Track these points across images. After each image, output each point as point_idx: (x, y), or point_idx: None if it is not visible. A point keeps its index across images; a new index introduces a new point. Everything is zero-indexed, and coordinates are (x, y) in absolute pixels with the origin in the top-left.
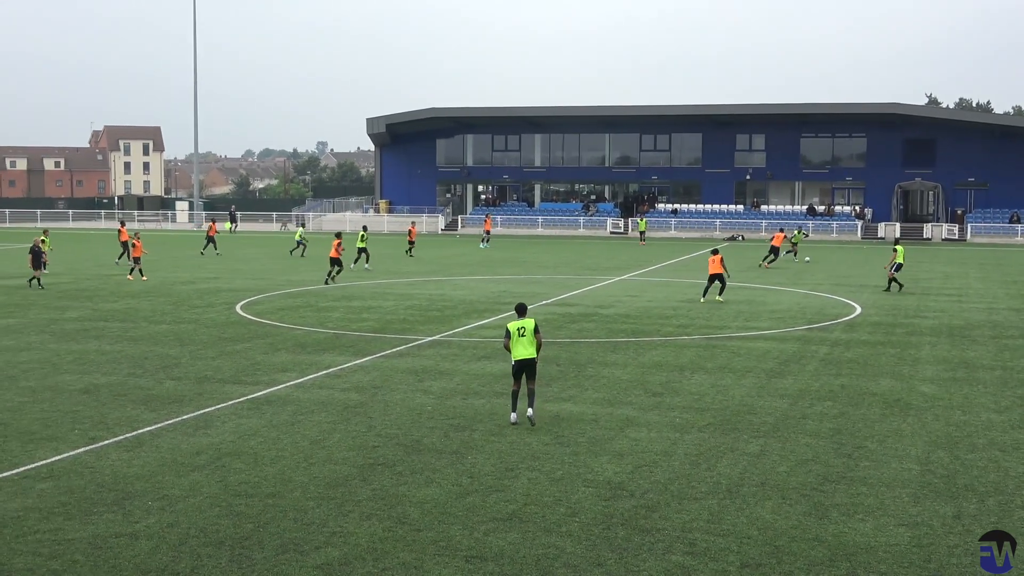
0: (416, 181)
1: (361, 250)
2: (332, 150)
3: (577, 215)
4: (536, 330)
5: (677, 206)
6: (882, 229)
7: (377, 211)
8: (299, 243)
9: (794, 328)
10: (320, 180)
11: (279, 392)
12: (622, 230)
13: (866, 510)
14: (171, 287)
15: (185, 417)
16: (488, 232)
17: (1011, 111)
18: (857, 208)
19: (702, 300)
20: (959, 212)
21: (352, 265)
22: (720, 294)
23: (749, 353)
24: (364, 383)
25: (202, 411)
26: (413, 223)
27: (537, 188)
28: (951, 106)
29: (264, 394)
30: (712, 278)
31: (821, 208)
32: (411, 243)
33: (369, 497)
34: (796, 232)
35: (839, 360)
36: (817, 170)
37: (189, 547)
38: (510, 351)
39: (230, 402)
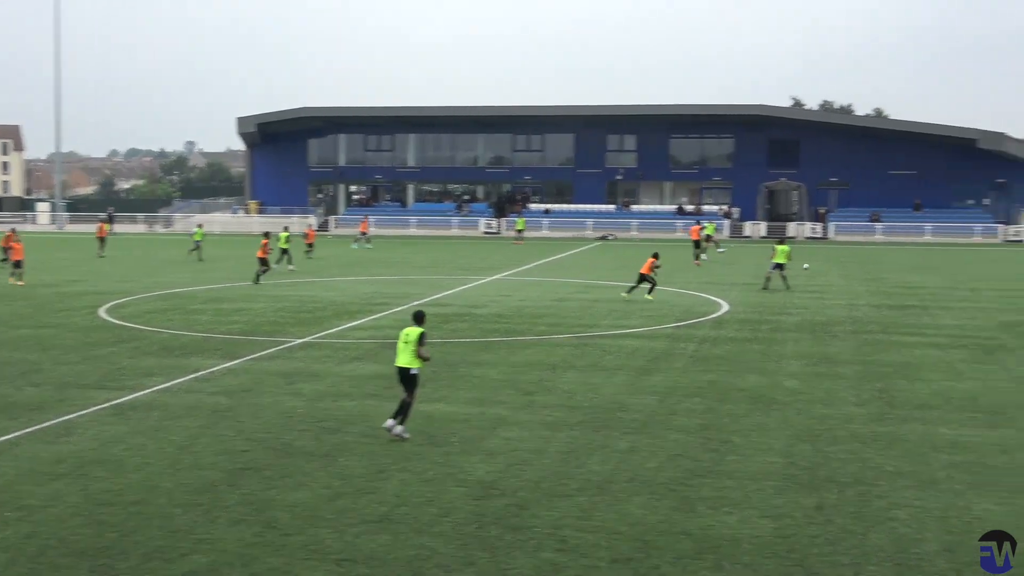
0: (287, 181)
1: (284, 251)
2: (201, 150)
3: (450, 215)
4: (419, 340)
5: (549, 206)
6: (748, 228)
7: (247, 212)
8: (197, 244)
9: (663, 326)
10: (188, 180)
11: (145, 397)
12: (495, 230)
13: (732, 503)
14: (32, 290)
15: (46, 424)
16: (364, 233)
17: (872, 113)
18: (725, 207)
19: (624, 295)
20: (822, 211)
21: (275, 265)
22: (650, 292)
23: (620, 351)
24: (233, 386)
25: (64, 418)
26: (310, 225)
27: (410, 188)
28: (815, 108)
29: (129, 399)
30: (641, 277)
31: (690, 208)
32: (310, 245)
33: (238, 502)
34: (710, 224)
35: (707, 357)
36: (686, 170)
37: (48, 558)
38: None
39: (93, 408)
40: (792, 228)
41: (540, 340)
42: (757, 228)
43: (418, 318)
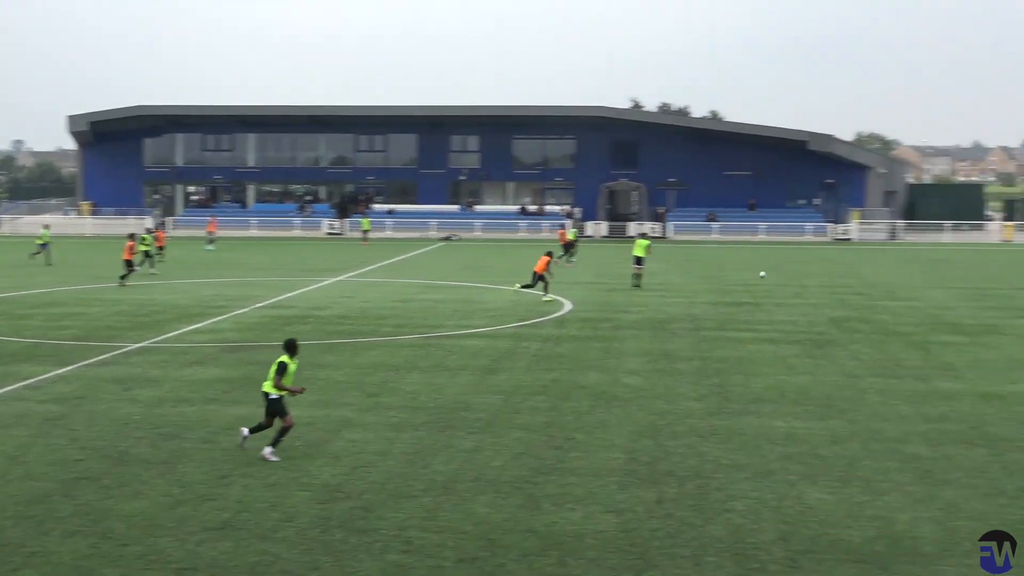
0: (122, 182)
1: (146, 254)
2: (30, 149)
3: (292, 216)
4: (277, 371)
5: (393, 206)
6: (590, 228)
7: (80, 213)
8: (43, 247)
9: (507, 325)
10: (16, 181)
11: None
12: (338, 231)
13: (575, 499)
14: None
15: None
16: (212, 233)
17: (708, 115)
18: (567, 207)
19: (545, 299)
20: (660, 211)
21: (138, 268)
22: (544, 292)
23: (463, 351)
24: (66, 394)
25: None
26: (160, 228)
27: (251, 188)
28: (654, 110)
29: None
30: (536, 276)
31: (533, 208)
32: (160, 248)
33: (72, 513)
34: (573, 230)
35: (550, 355)
36: (529, 171)
37: None
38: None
39: None
40: (632, 227)
41: (384, 341)
42: (599, 228)
43: (288, 347)
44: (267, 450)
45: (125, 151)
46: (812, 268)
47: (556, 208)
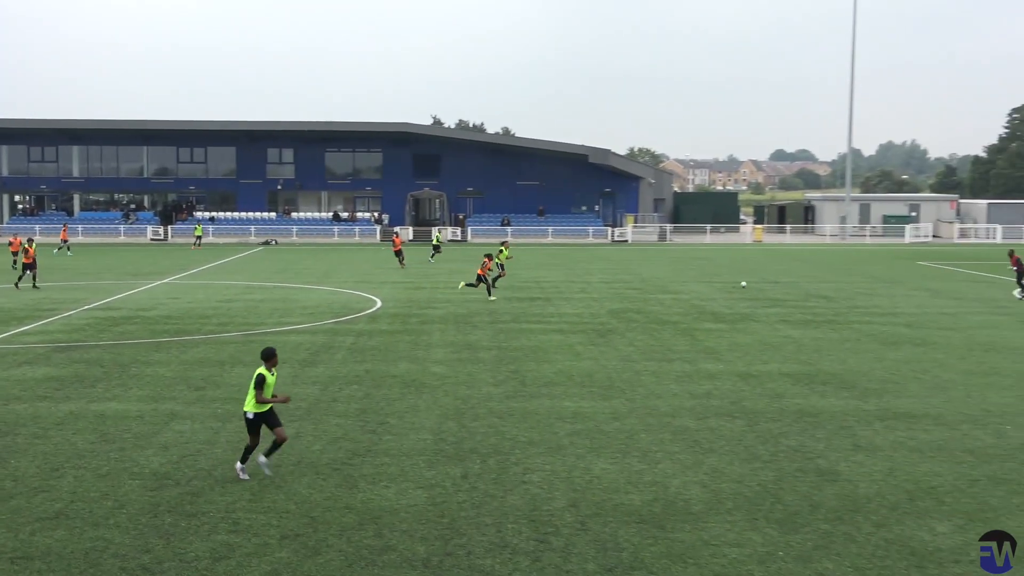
0: None
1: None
2: None
3: (118, 223)
4: (255, 384)
5: (214, 214)
6: (399, 231)
7: None
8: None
9: (324, 322)
10: None
11: None
12: (162, 237)
13: (389, 478)
14: None
15: None
16: (65, 241)
17: (500, 131)
18: (376, 214)
19: (491, 299)
20: (461, 216)
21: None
22: (489, 292)
23: (284, 345)
24: None
25: None
26: (15, 235)
27: (76, 198)
28: (452, 126)
29: None
30: (479, 278)
31: (345, 215)
32: (15, 253)
33: None
34: (438, 234)
35: (363, 348)
36: (341, 181)
37: None
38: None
39: None
40: (437, 231)
41: (209, 339)
42: (406, 232)
43: (265, 355)
44: (261, 459)
45: None
46: (594, 267)
47: (366, 215)
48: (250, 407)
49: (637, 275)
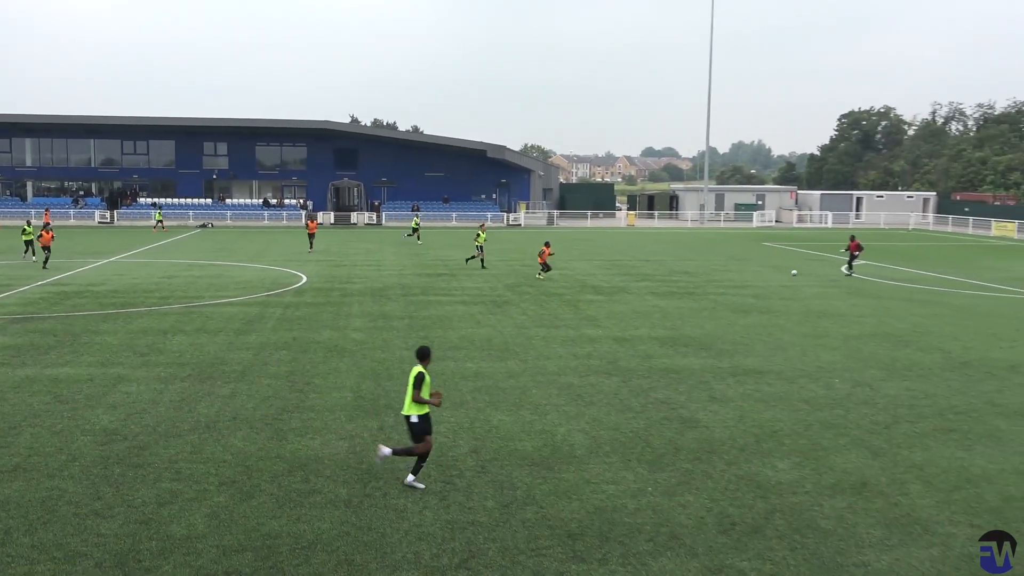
0: None
1: (28, 243)
2: None
3: (68, 208)
4: (415, 383)
5: (156, 199)
6: (320, 217)
7: None
8: (29, 243)
9: (256, 295)
10: None
11: None
12: (109, 220)
13: (315, 431)
14: None
15: None
16: (48, 223)
17: (411, 128)
18: (301, 201)
19: (540, 277)
20: (376, 203)
21: (23, 256)
22: (539, 273)
23: (220, 316)
24: None
25: None
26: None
27: (29, 185)
28: (369, 124)
29: None
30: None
31: (274, 201)
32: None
33: None
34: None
35: (291, 318)
36: (270, 171)
37: None
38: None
39: None
40: (355, 217)
41: (152, 311)
42: (328, 216)
43: (420, 355)
44: (409, 478)
45: None
46: (491, 247)
47: (292, 201)
48: (412, 410)
49: (528, 254)
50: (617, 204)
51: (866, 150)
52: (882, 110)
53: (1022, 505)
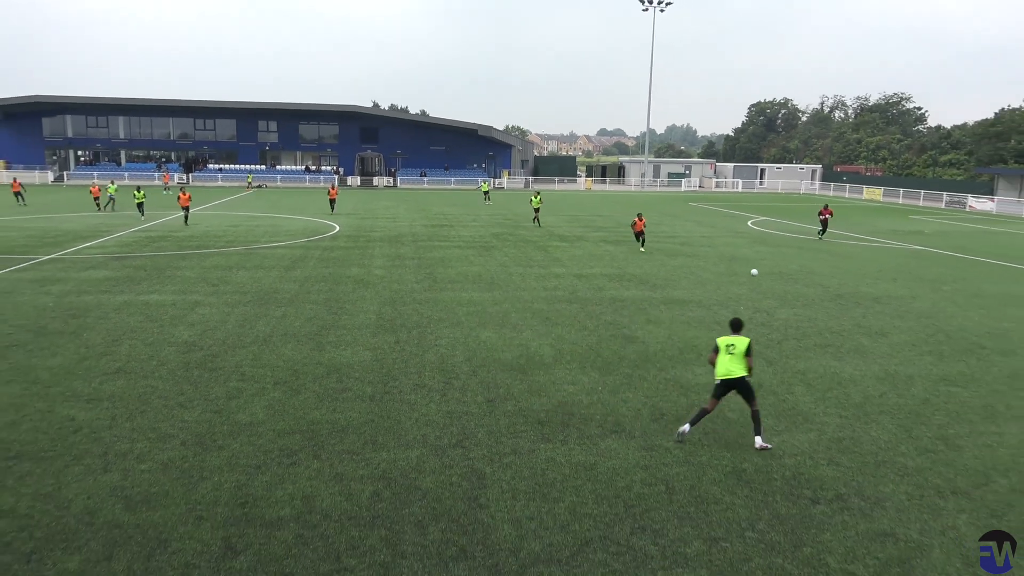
0: (28, 148)
1: (138, 204)
2: None
3: (153, 172)
4: (748, 351)
5: (222, 166)
6: (350, 180)
7: None
8: (111, 199)
9: (300, 240)
10: None
11: None
12: (185, 181)
13: (346, 344)
14: None
15: None
16: (167, 184)
17: (419, 112)
18: (334, 167)
19: (642, 250)
20: (393, 170)
21: (104, 209)
22: (642, 246)
23: (273, 256)
24: None
25: None
26: (15, 179)
27: (122, 153)
28: (387, 108)
29: None
30: (637, 235)
31: (313, 168)
32: (17, 194)
33: (6, 369)
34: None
35: (328, 258)
36: (310, 144)
37: None
38: (714, 366)
39: None
40: (376, 180)
41: (220, 251)
42: (355, 180)
43: (735, 325)
44: (758, 439)
45: (29, 126)
46: (481, 205)
47: (328, 168)
48: (743, 371)
49: (510, 211)
50: (578, 173)
51: (769, 132)
52: (782, 100)
53: (880, 402)
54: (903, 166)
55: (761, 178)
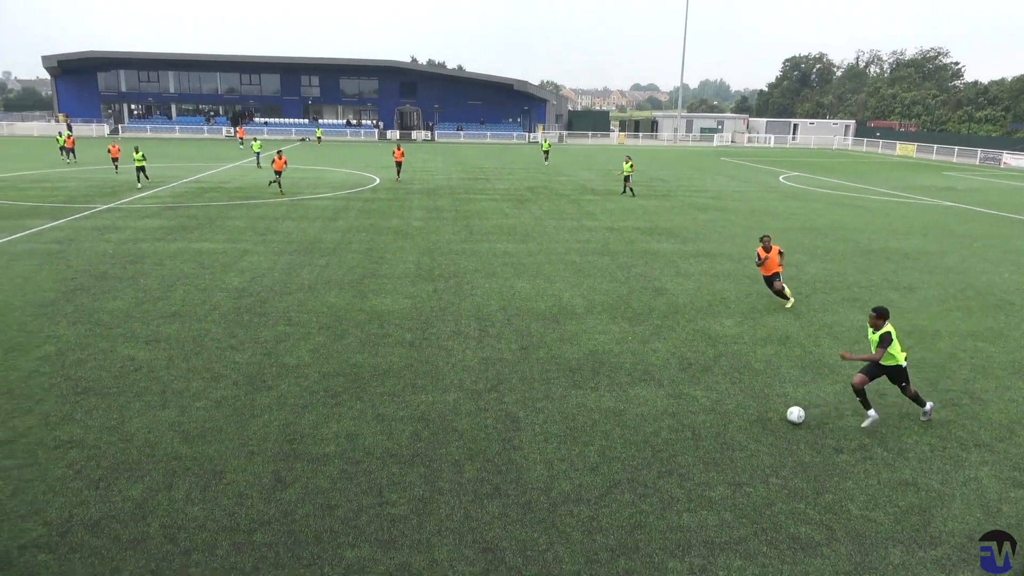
0: (84, 101)
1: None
2: (16, 77)
3: (202, 125)
4: (880, 342)
5: (267, 119)
6: (389, 134)
7: (57, 121)
8: (257, 154)
9: (342, 192)
10: (8, 100)
11: None
12: (233, 135)
13: (386, 292)
14: None
15: None
16: (242, 139)
17: (456, 67)
18: (374, 121)
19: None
20: (431, 124)
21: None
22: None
23: (317, 207)
24: (60, 237)
25: None
26: (69, 135)
27: (173, 107)
28: (424, 63)
29: None
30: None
31: (354, 122)
32: (70, 150)
33: (72, 311)
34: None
35: (368, 210)
36: (351, 99)
37: None
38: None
39: None
40: (414, 134)
41: (267, 203)
42: (394, 134)
43: (884, 314)
44: (927, 407)
45: (85, 80)
46: (516, 159)
47: (368, 123)
48: (902, 359)
49: (542, 165)
50: (611, 127)
51: (803, 87)
52: (817, 55)
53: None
54: (937, 122)
55: (794, 133)
